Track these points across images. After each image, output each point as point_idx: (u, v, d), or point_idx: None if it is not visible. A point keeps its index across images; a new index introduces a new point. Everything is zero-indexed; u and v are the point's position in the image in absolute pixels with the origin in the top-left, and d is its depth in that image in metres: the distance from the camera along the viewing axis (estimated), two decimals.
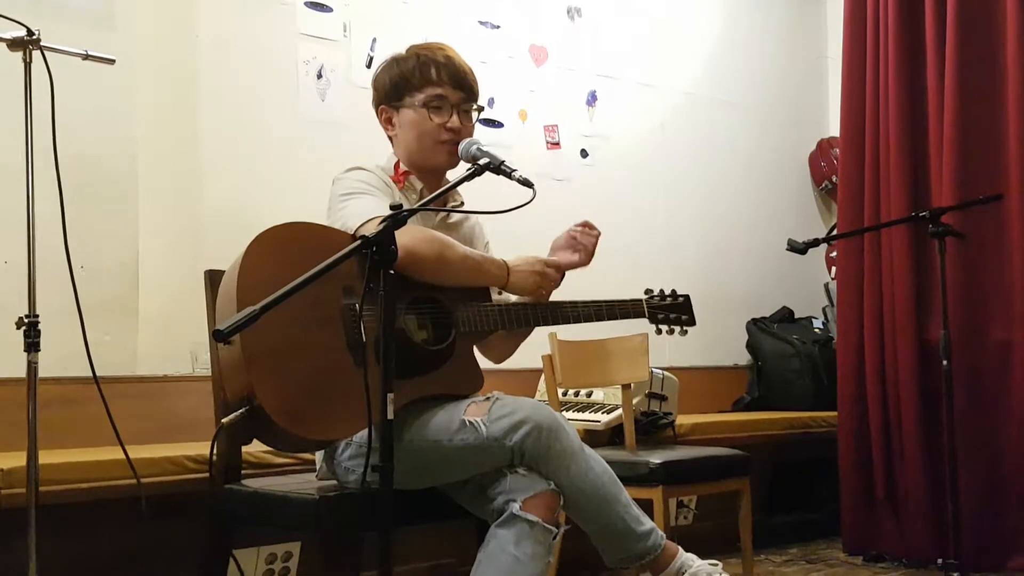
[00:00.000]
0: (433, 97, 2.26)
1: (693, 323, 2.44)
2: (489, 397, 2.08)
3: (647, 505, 2.44)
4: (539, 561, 1.93)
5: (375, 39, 3.79)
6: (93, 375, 2.26)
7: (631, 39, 4.64)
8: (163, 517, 2.53)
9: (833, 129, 5.00)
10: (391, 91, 2.30)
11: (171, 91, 3.32)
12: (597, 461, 2.09)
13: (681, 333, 2.43)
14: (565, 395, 3.68)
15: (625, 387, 3.29)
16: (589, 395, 3.67)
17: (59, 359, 2.55)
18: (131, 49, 3.19)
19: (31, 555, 2.09)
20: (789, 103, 5.31)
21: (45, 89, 2.20)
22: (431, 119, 2.25)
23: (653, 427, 3.63)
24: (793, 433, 4.29)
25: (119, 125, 3.19)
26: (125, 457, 2.33)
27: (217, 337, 1.53)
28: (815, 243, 3.24)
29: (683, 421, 3.82)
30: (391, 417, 1.67)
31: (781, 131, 5.25)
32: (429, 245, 2.11)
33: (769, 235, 4.85)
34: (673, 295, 2.44)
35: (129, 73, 3.18)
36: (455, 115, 2.26)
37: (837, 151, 4.50)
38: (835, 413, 4.06)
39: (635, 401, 3.53)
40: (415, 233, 2.08)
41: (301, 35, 3.62)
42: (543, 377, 3.34)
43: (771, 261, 4.93)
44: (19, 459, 2.23)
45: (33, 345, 2.15)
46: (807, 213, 5.33)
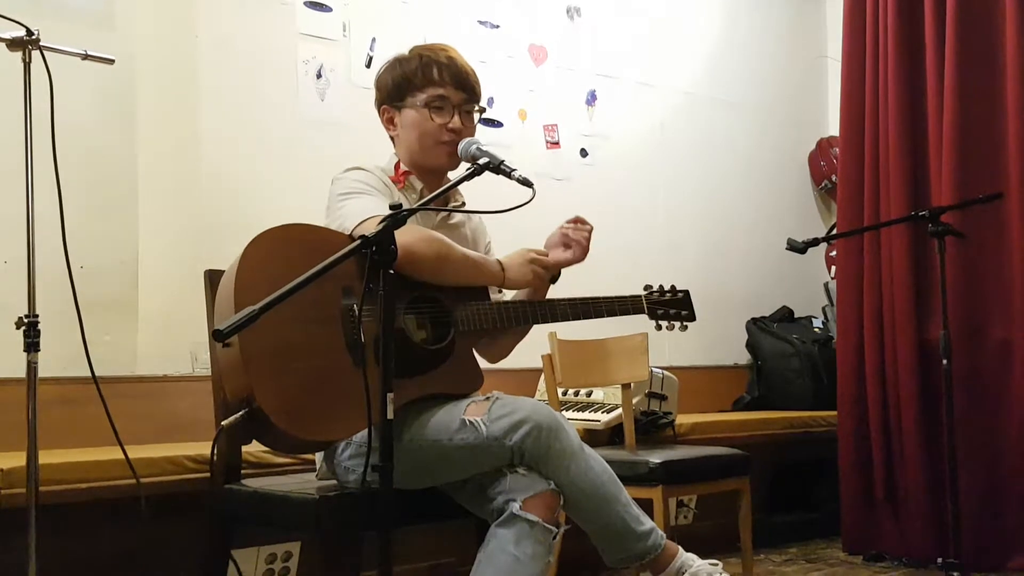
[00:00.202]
0: (435, 97, 2.26)
1: (693, 318, 2.43)
2: (489, 396, 2.08)
3: (647, 505, 2.44)
4: (539, 561, 1.93)
5: (374, 39, 3.79)
6: (92, 375, 2.26)
7: (631, 39, 4.64)
8: (163, 517, 2.53)
9: (833, 128, 5.00)
10: (393, 91, 2.30)
11: (171, 91, 3.32)
12: (597, 461, 2.09)
13: (681, 328, 2.41)
14: (565, 395, 3.68)
15: (625, 386, 3.29)
16: (589, 395, 3.67)
17: (59, 359, 2.55)
18: (131, 49, 3.19)
19: (31, 555, 2.09)
20: (789, 103, 5.31)
21: (45, 89, 2.20)
22: (432, 119, 2.26)
23: (653, 427, 3.64)
24: (793, 433, 4.29)
25: (119, 125, 3.19)
26: (125, 457, 2.33)
27: (217, 337, 1.53)
28: (815, 242, 3.24)
29: (683, 421, 3.82)
30: (391, 417, 1.67)
31: (781, 131, 5.25)
32: (428, 245, 2.11)
33: (769, 235, 4.85)
34: (672, 291, 2.43)
35: (129, 73, 3.18)
36: (457, 116, 2.26)
37: (837, 150, 4.49)
38: (835, 413, 4.06)
39: (635, 401, 3.53)
40: (414, 233, 2.09)
41: (301, 35, 3.62)
42: (543, 377, 3.34)
43: (771, 261, 4.93)
44: (19, 459, 2.22)
45: (33, 345, 2.15)
46: (807, 213, 5.33)
